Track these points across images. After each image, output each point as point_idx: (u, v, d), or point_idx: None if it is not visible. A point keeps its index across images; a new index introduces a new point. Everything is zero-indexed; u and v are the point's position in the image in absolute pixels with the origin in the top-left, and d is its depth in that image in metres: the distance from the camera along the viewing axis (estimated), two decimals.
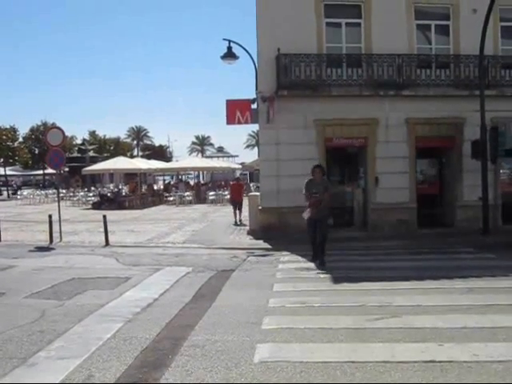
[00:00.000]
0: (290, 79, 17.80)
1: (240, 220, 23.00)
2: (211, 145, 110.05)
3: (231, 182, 31.34)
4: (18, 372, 5.67)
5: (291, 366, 5.62)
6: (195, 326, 7.36)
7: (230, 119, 19.56)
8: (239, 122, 19.61)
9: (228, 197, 37.15)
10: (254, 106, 19.27)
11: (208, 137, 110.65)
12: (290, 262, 13.08)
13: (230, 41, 19.77)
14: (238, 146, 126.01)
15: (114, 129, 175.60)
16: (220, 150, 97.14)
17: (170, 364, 5.83)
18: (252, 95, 19.53)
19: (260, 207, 18.77)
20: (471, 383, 5.16)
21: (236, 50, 20.30)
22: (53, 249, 15.79)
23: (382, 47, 18.11)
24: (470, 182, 18.24)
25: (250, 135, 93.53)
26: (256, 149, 63.37)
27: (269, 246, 15.75)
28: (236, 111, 19.32)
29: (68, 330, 7.19)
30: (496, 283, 9.87)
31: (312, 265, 12.33)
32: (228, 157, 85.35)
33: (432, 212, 19.37)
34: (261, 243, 16.52)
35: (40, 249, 15.79)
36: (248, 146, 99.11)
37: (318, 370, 5.50)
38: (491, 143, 17.25)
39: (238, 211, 23.41)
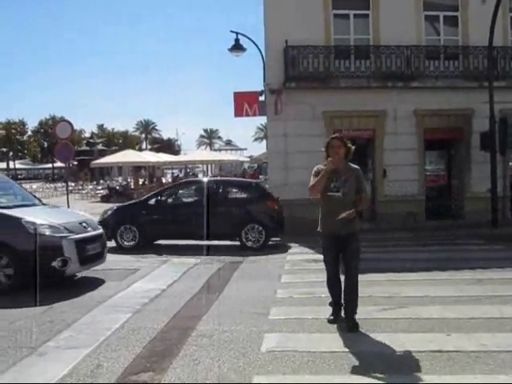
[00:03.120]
0: (297, 71, 17.77)
1: None
2: (219, 138, 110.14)
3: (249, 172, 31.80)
4: (27, 361, 5.72)
5: (298, 356, 5.64)
6: (203, 316, 7.39)
7: (238, 112, 19.56)
8: (247, 115, 19.60)
9: None
10: (261, 99, 19.25)
11: (216, 130, 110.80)
12: (298, 254, 13.10)
13: (237, 33, 19.75)
14: (246, 139, 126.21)
15: (123, 122, 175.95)
16: (228, 143, 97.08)
17: (178, 353, 5.86)
18: (260, 87, 19.53)
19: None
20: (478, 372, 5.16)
21: (243, 42, 20.26)
22: None
23: (390, 39, 18.02)
24: (479, 174, 18.17)
25: (259, 128, 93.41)
26: (264, 142, 63.24)
27: (277, 238, 15.75)
28: (244, 103, 19.33)
29: (77, 321, 7.23)
30: (504, 274, 9.85)
31: (320, 256, 12.31)
32: (236, 150, 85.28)
33: (440, 204, 19.32)
34: None
35: None
36: (256, 139, 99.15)
37: (324, 359, 5.51)
38: (500, 135, 17.17)
39: None
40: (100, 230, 10.33)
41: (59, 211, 11.26)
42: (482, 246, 13.98)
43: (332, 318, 6.82)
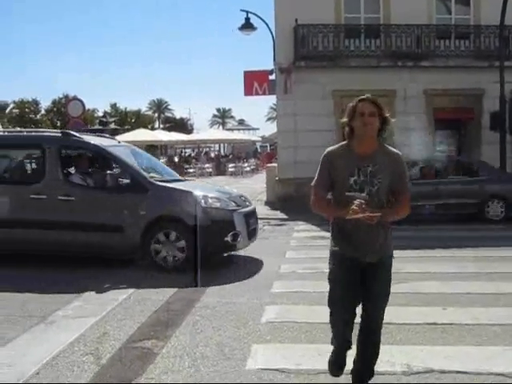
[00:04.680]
0: (307, 50, 17.83)
1: None
2: (232, 117, 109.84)
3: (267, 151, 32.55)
4: (36, 329, 5.98)
5: (297, 326, 5.85)
6: (207, 289, 7.61)
7: (248, 91, 19.67)
8: (257, 94, 19.71)
9: (247, 169, 37.68)
10: (272, 78, 19.31)
11: (229, 109, 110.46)
12: (304, 231, 13.28)
13: (247, 11, 19.74)
14: (259, 118, 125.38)
15: (135, 101, 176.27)
16: (241, 122, 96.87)
17: (181, 323, 6.09)
18: (270, 66, 19.58)
19: (277, 178, 18.93)
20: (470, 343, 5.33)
21: (254, 20, 20.24)
22: None
23: (400, 17, 18.00)
24: (489, 154, 18.12)
25: (272, 108, 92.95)
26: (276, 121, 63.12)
27: (285, 216, 15.95)
28: (254, 82, 19.43)
29: (85, 292, 7.48)
30: (504, 252, 9.96)
31: (327, 233, 12.47)
32: (249, 129, 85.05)
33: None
34: (277, 213, 16.73)
35: None
36: (269, 119, 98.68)
37: (322, 330, 5.67)
38: (510, 115, 17.13)
39: None
40: (254, 206, 10.28)
41: (211, 185, 11.27)
42: (487, 225, 14.05)
43: (333, 358, 4.30)
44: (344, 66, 17.96)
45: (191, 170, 38.68)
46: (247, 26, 19.71)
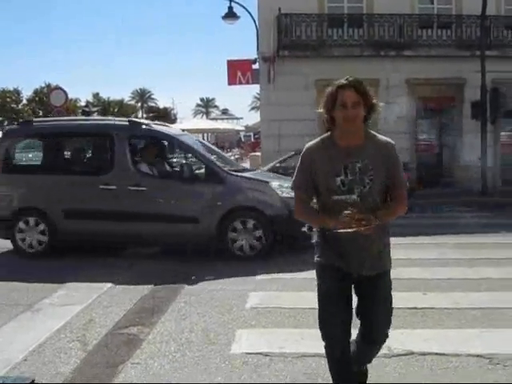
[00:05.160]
0: (290, 39, 17.88)
1: None
2: (216, 107, 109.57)
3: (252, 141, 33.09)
4: (22, 317, 6.02)
5: (280, 311, 5.96)
6: (192, 276, 7.68)
7: (232, 80, 19.68)
8: (240, 83, 19.73)
9: (231, 158, 37.64)
10: (255, 67, 19.33)
11: (213, 99, 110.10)
12: None
13: (230, 0, 19.68)
14: (242, 108, 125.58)
15: (118, 91, 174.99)
16: (225, 112, 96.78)
17: (167, 310, 6.17)
18: (254, 56, 19.57)
19: (261, 167, 18.98)
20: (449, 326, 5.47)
21: (237, 10, 20.22)
22: None
23: (383, 7, 18.07)
24: (470, 143, 18.34)
25: (255, 97, 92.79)
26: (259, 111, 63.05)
27: None
28: (237, 72, 19.45)
29: (71, 281, 7.52)
30: (486, 239, 10.13)
31: None
32: (233, 119, 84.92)
33: (432, 172, 19.54)
34: None
35: None
36: (253, 108, 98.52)
37: (305, 314, 5.79)
38: (491, 104, 17.32)
39: None
40: None
41: (274, 174, 11.14)
42: (470, 213, 14.24)
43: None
44: (327, 56, 18.01)
45: (175, 160, 38.64)
46: (230, 14, 19.69)
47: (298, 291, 6.75)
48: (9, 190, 9.31)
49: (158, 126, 9.95)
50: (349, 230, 3.17)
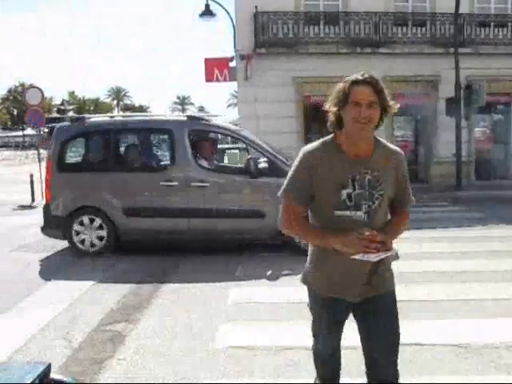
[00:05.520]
0: (267, 37, 17.98)
1: None
2: (192, 104, 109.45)
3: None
4: (5, 316, 6.04)
5: (261, 306, 6.09)
6: (173, 273, 7.75)
7: (209, 77, 19.72)
8: (217, 80, 19.76)
9: None
10: (232, 64, 19.40)
11: (188, 97, 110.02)
12: None
13: None
14: (220, 105, 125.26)
15: (94, 90, 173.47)
16: (201, 109, 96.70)
17: (150, 306, 6.24)
18: (231, 54, 19.64)
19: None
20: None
21: (214, 7, 20.25)
22: (36, 207, 16.01)
23: (359, 5, 18.28)
24: (445, 139, 18.66)
25: (233, 95, 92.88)
26: (237, 108, 63.08)
27: None
28: (214, 69, 19.48)
29: (53, 279, 7.55)
30: (461, 233, 10.36)
31: None
32: (209, 116, 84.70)
33: (408, 168, 19.76)
34: None
35: (23, 207, 16.01)
36: (230, 105, 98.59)
37: (283, 308, 5.95)
38: (465, 100, 17.62)
39: None
40: None
41: None
42: (445, 207, 14.52)
43: None
44: (304, 53, 18.17)
45: None
46: (207, 12, 19.70)
47: (278, 286, 6.88)
48: (66, 188, 9.13)
49: (217, 121, 9.89)
50: (371, 259, 2.72)
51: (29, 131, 52.18)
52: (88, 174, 9.20)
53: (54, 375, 1.19)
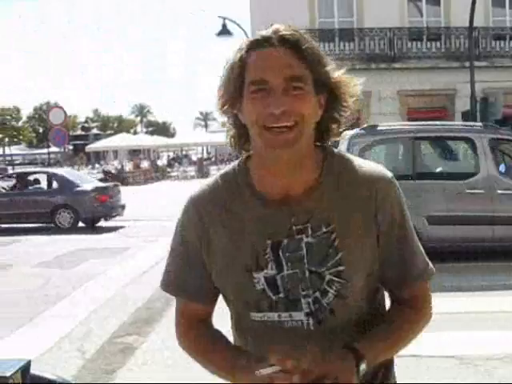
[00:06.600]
0: None
1: None
2: (215, 120, 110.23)
3: None
4: (23, 330, 6.34)
5: None
6: None
7: None
8: None
9: None
10: None
11: (211, 112, 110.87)
12: None
13: (224, 18, 20.14)
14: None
15: (117, 107, 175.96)
16: (224, 124, 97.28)
17: (161, 320, 6.49)
18: None
19: None
20: None
21: (231, 26, 20.67)
22: None
23: (373, 21, 18.52)
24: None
25: None
26: None
27: None
28: None
29: (70, 294, 7.85)
30: None
31: None
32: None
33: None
34: None
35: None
36: None
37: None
38: (481, 113, 17.67)
39: None
40: None
41: None
42: None
43: None
44: None
45: (174, 174, 39.03)
46: (224, 31, 20.12)
47: None
48: None
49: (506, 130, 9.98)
50: None
51: (53, 149, 53.29)
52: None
53: (33, 371, 1.42)
